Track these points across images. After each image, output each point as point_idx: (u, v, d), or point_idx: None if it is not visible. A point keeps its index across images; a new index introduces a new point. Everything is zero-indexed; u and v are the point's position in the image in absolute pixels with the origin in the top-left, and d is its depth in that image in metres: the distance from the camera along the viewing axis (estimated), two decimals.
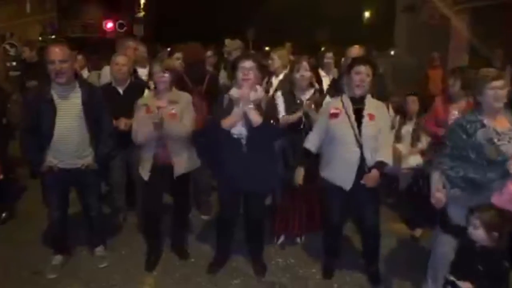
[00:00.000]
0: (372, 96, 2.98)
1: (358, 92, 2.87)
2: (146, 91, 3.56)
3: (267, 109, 2.87)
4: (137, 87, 3.65)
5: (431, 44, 8.94)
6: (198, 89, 3.83)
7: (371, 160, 2.81)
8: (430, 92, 6.26)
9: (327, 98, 3.35)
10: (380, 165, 2.81)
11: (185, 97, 3.16)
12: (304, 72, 3.27)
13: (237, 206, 3.11)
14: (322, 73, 4.25)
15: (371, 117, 2.84)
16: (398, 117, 4.37)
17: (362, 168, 2.80)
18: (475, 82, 2.52)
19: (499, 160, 2.29)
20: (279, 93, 3.42)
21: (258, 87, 2.85)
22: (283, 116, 3.24)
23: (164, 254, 3.35)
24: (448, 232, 2.53)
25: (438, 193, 2.44)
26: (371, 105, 2.91)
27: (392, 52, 12.46)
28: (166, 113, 2.97)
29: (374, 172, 2.79)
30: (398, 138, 4.32)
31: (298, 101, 3.30)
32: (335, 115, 2.88)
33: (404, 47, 11.76)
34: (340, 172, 2.85)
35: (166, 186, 3.22)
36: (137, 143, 3.12)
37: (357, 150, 2.79)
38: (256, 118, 2.73)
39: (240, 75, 2.81)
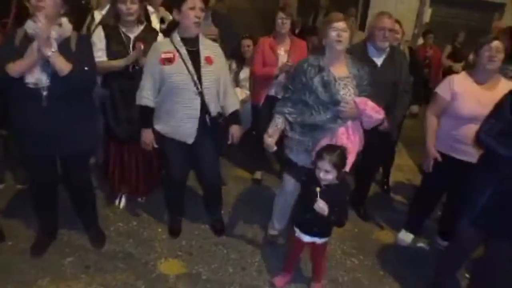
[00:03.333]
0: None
1: (194, 31, 2.54)
2: None
3: (78, 50, 2.29)
4: None
5: None
6: (2, 23, 2.97)
7: (214, 108, 2.63)
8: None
9: (159, 38, 2.91)
10: (236, 117, 2.73)
11: None
12: (130, 4, 2.72)
13: (50, 171, 2.54)
14: (150, 9, 3.81)
15: (209, 60, 2.57)
16: (234, 62, 4.29)
17: (204, 118, 2.59)
18: (321, 26, 2.52)
19: (333, 104, 2.36)
20: (99, 29, 2.82)
21: (63, 20, 2.26)
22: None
23: None
24: (290, 173, 2.61)
25: (268, 139, 2.45)
26: (207, 46, 2.64)
27: None
28: None
29: (236, 128, 2.72)
30: (236, 83, 4.29)
31: (125, 39, 2.79)
32: (168, 60, 2.50)
33: None
34: (181, 125, 2.58)
35: None
36: None
37: (198, 99, 2.55)
38: (61, 66, 2.16)
39: (33, 1, 2.14)
